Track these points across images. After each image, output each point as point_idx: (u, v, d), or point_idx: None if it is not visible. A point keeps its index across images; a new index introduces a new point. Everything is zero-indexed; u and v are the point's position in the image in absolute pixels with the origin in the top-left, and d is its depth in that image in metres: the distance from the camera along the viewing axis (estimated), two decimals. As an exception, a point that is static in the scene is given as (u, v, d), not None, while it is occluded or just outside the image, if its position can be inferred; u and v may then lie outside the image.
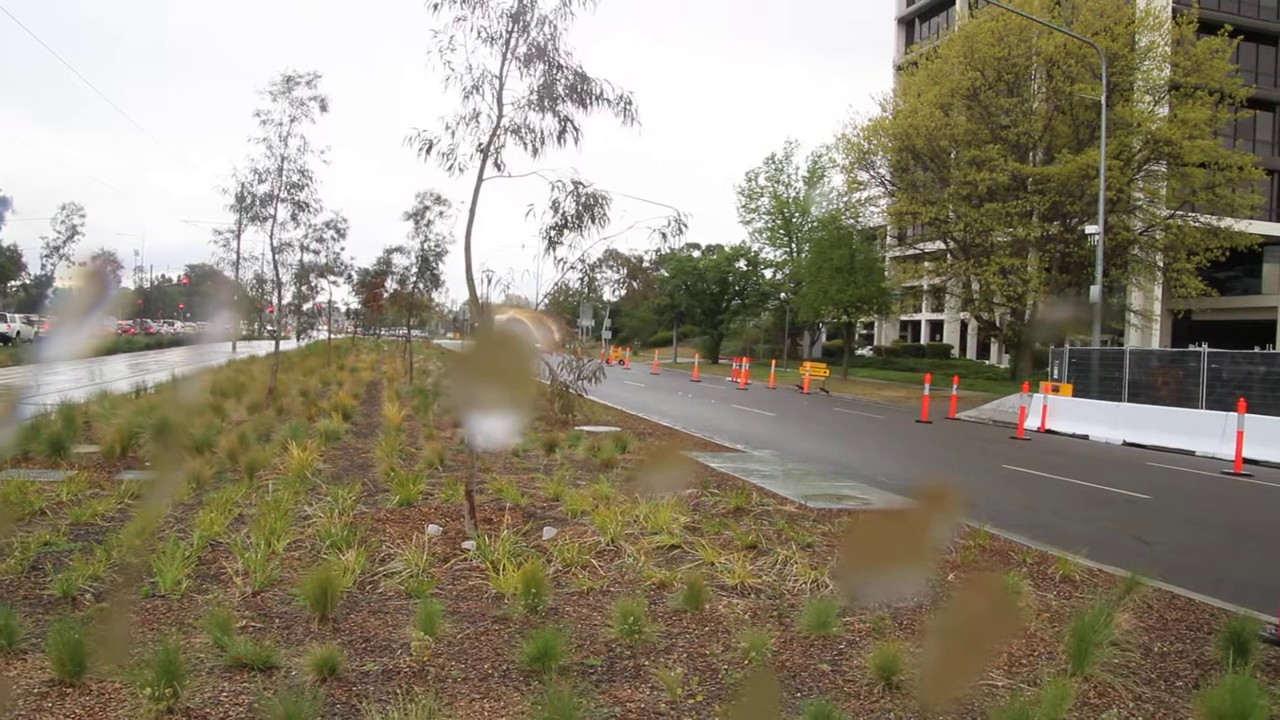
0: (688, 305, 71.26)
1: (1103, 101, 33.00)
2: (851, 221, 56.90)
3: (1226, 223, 42.70)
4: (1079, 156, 40.05)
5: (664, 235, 8.76)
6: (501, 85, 8.51)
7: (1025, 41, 44.09)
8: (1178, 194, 43.24)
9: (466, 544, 7.96)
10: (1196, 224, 42.93)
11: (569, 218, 8.68)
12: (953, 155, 46.77)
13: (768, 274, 69.65)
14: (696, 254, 75.09)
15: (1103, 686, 5.50)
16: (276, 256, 20.95)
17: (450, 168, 8.72)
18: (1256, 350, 26.31)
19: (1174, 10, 45.79)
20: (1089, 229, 36.59)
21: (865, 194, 55.39)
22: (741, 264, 70.78)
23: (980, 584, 7.35)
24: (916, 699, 5.14)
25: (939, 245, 50.94)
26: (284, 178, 19.53)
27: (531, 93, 8.59)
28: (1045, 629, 6.50)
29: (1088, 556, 8.56)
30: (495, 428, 1.78)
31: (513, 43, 8.46)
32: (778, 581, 7.38)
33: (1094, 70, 37.74)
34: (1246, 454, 19.30)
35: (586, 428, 17.04)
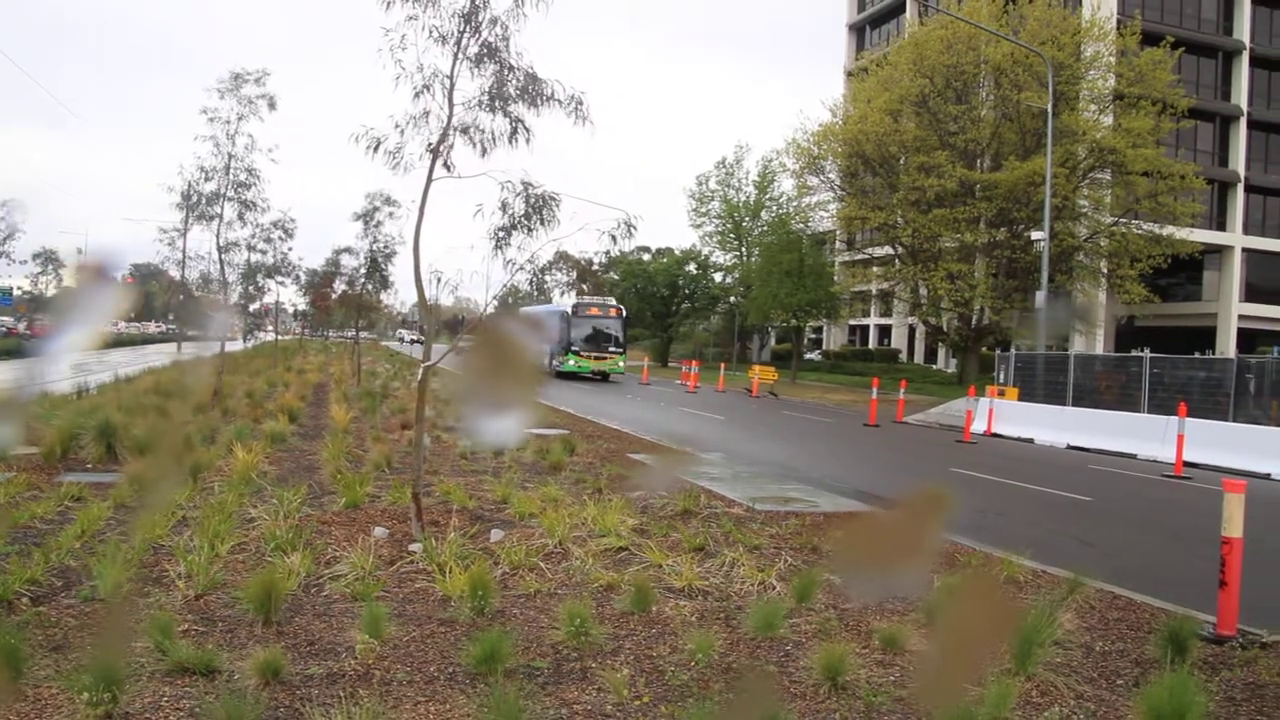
0: (637, 308, 71.28)
1: (1049, 110, 33.45)
2: (801, 226, 57.23)
3: (1168, 230, 43.48)
4: (1026, 164, 40.57)
5: (613, 237, 8.73)
6: (452, 85, 8.48)
7: (974, 50, 44.62)
8: (1122, 202, 43.98)
9: (413, 546, 7.91)
10: (1140, 231, 43.64)
11: (518, 219, 8.64)
12: (902, 161, 47.21)
13: (718, 277, 69.94)
14: (647, 257, 75.18)
15: (1046, 685, 5.57)
16: (223, 256, 20.73)
17: (398, 166, 8.67)
18: (1197, 355, 26.76)
19: (1118, 22, 46.59)
20: (1035, 235, 37.12)
21: (815, 199, 55.82)
22: (691, 267, 71.00)
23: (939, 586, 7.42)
24: (862, 699, 5.18)
25: (887, 250, 51.36)
26: (231, 176, 19.33)
27: (482, 93, 8.56)
28: (989, 628, 6.55)
29: (1032, 558, 8.67)
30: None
31: (464, 42, 8.42)
32: (725, 583, 7.40)
33: (1041, 79, 38.22)
34: (1187, 457, 19.62)
35: (535, 430, 17.00)
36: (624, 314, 49.52)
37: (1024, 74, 41.97)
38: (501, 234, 8.78)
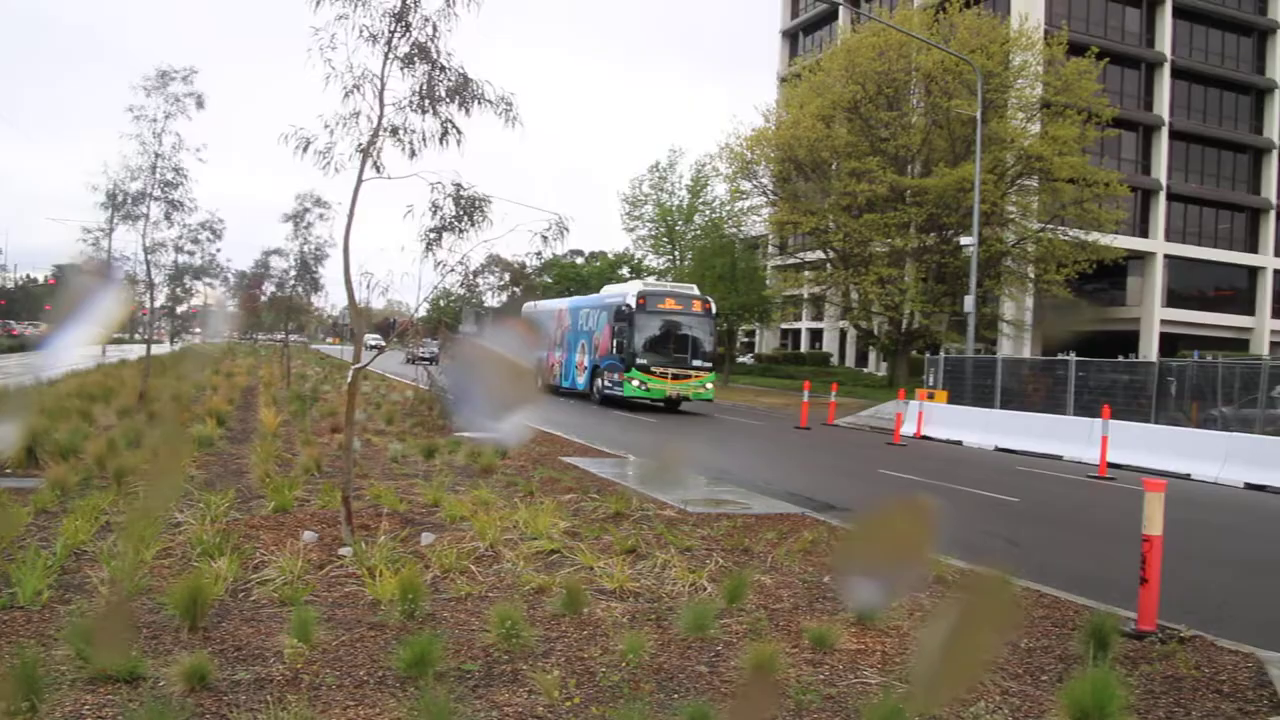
0: (571, 312, 71.19)
1: (978, 117, 33.95)
2: (734, 230, 57.53)
3: (1093, 237, 44.37)
4: (955, 170, 41.21)
5: (545, 239, 8.72)
6: (383, 85, 8.41)
7: (905, 57, 45.23)
8: (1048, 208, 44.84)
9: (343, 550, 7.83)
10: (1065, 237, 44.53)
11: (449, 220, 8.60)
12: (834, 166, 47.71)
13: (651, 280, 70.05)
14: (580, 260, 75.15)
15: (973, 682, 5.65)
16: (149, 257, 20.35)
17: (328, 167, 8.58)
18: (1120, 359, 27.28)
19: (1045, 32, 47.42)
20: (964, 240, 37.66)
21: (748, 203, 56.17)
22: (624, 271, 71.01)
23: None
24: (792, 697, 5.23)
25: (819, 254, 51.82)
26: (158, 175, 18.99)
27: (413, 93, 8.50)
28: (917, 628, 6.65)
29: (960, 558, 8.79)
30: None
31: (395, 42, 8.37)
32: (657, 585, 7.42)
33: (970, 87, 38.83)
34: (1110, 458, 20.01)
35: (467, 433, 16.92)
36: (713, 310, 33.36)
37: (954, 82, 42.64)
38: (432, 236, 8.74)
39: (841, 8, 60.81)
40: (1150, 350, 52.82)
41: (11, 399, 17.25)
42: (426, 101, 8.52)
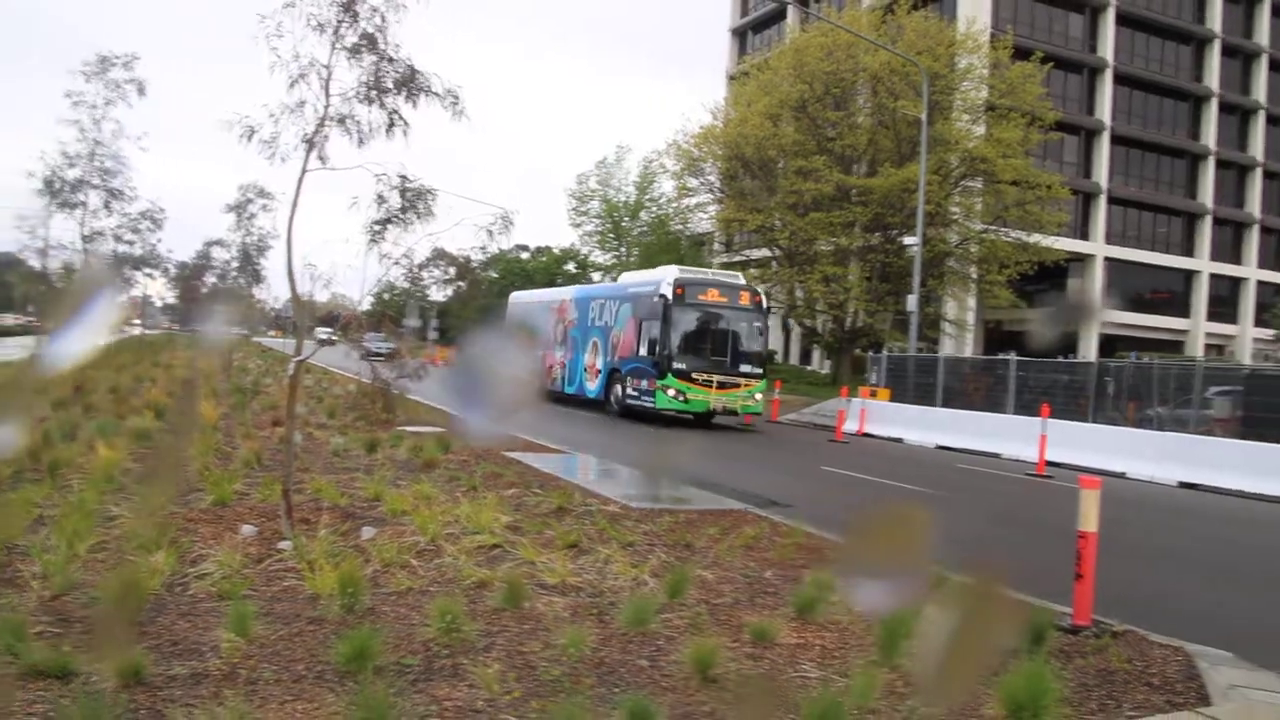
0: (516, 307, 70.95)
1: (924, 119, 34.25)
2: (680, 227, 57.60)
3: (1035, 238, 44.92)
4: (900, 170, 41.56)
5: (490, 233, 8.70)
6: (329, 75, 8.33)
7: (852, 58, 45.49)
8: (991, 209, 45.34)
9: (283, 544, 7.76)
10: (1008, 238, 45.05)
11: (394, 213, 8.56)
12: (780, 165, 47.90)
13: (596, 277, 69.95)
14: (526, 255, 74.94)
15: (910, 676, 5.72)
16: (87, 246, 20.01)
17: (273, 156, 8.48)
18: (1060, 359, 27.70)
19: (991, 36, 47.93)
20: (908, 240, 38.00)
21: (695, 200, 56.20)
22: (570, 266, 70.91)
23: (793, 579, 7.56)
24: (732, 691, 5.26)
25: (765, 252, 52.03)
26: (97, 163, 18.70)
27: (360, 84, 8.44)
28: (857, 622, 6.71)
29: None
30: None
31: (342, 32, 8.30)
32: (598, 579, 7.43)
33: (916, 88, 39.18)
34: (1049, 456, 20.32)
35: (410, 428, 16.82)
36: (764, 304, 28.24)
37: (900, 83, 42.98)
38: (377, 228, 8.68)
39: (790, 7, 61.11)
40: (1089, 351, 53.63)
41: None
42: (373, 93, 8.46)
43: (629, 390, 26.97)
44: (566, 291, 35.84)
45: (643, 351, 26.44)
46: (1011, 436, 23.47)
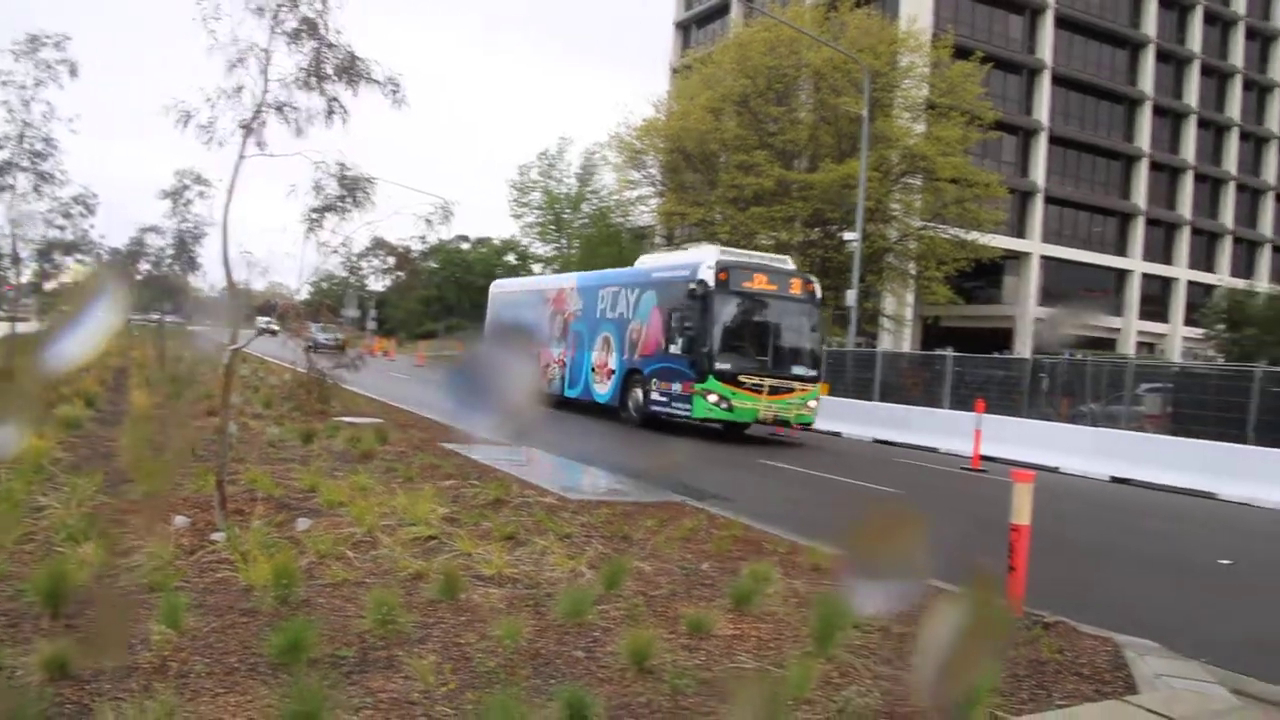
0: (456, 297, 70.58)
1: (865, 115, 34.50)
2: (621, 219, 57.61)
3: (973, 236, 45.47)
4: (841, 166, 41.82)
5: (429, 222, 8.65)
6: (268, 60, 8.23)
7: (795, 54, 45.69)
8: (931, 206, 45.81)
9: (216, 535, 7.66)
10: (946, 235, 45.55)
11: (332, 201, 8.49)
12: (722, 159, 48.01)
13: (537, 269, 69.76)
14: (466, 246, 74.59)
15: (845, 666, 5.79)
16: (15, 231, 19.58)
17: (210, 142, 8.36)
18: (995, 355, 28.11)
19: (932, 35, 48.43)
20: (848, 236, 38.28)
21: (636, 193, 56.23)
22: (511, 257, 70.70)
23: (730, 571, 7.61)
24: (667, 682, 5.28)
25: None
26: (26, 145, 18.28)
27: (299, 69, 8.34)
28: (793, 614, 6.76)
29: (837, 546, 8.97)
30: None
31: (281, 16, 8.19)
32: (535, 571, 7.42)
33: (858, 85, 39.45)
34: (984, 451, 20.60)
35: (347, 419, 16.68)
36: (818, 295, 23.80)
37: (842, 79, 43.22)
38: (315, 216, 8.60)
39: (734, 1, 61.30)
40: (1024, 347, 54.40)
41: None
42: (313, 79, 8.37)
43: (654, 395, 22.95)
44: (566, 279, 31.46)
45: (673, 349, 22.33)
46: (948, 431, 23.78)
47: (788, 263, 25.04)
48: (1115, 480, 20.15)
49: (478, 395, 2.00)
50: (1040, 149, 62.71)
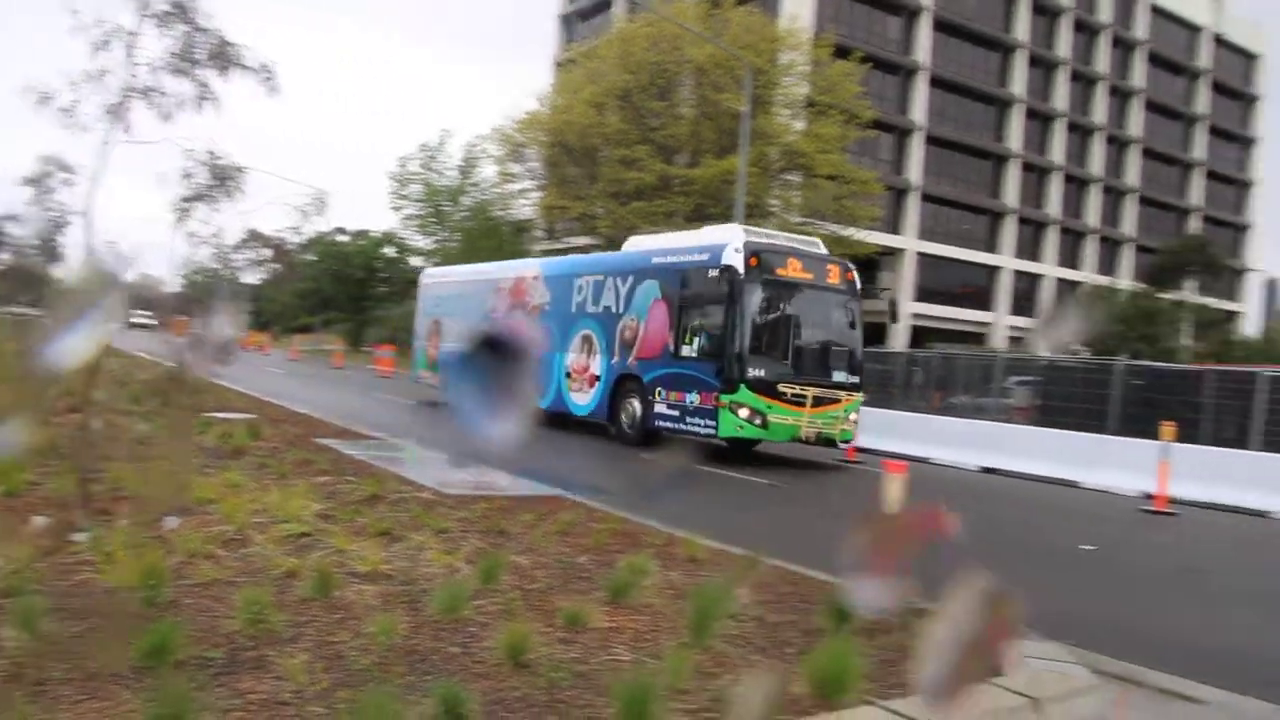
0: (333, 290, 69.37)
1: (746, 112, 34.82)
2: (502, 213, 57.30)
3: (850, 232, 46.27)
4: (721, 162, 42.19)
5: (304, 213, 8.50)
6: (135, 42, 7.97)
7: (678, 49, 45.92)
8: (809, 203, 46.46)
9: (78, 535, 7.42)
10: (824, 232, 46.20)
11: (202, 190, 8.28)
12: (604, 153, 48.05)
13: (418, 261, 68.85)
14: (345, 238, 73.40)
15: (720, 656, 5.85)
16: None
17: (72, 126, 8.08)
18: (871, 350, 28.65)
19: (813, 34, 49.22)
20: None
21: (518, 186, 56.00)
22: (390, 250, 69.78)
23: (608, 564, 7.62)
24: (544, 676, 5.27)
25: (587, 240, 52.21)
26: None
27: (169, 54, 8.11)
28: (670, 605, 6.80)
29: (714, 538, 9.06)
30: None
31: None
32: (411, 567, 7.33)
33: (740, 82, 39.83)
34: (860, 443, 20.97)
35: (219, 414, 16.27)
36: (858, 284, 20.40)
37: (724, 76, 43.58)
38: (184, 205, 8.38)
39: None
40: (899, 342, 55.59)
41: None
42: (183, 63, 8.14)
43: (659, 408, 19.31)
44: (527, 266, 26.99)
45: (687, 351, 18.97)
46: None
47: (819, 245, 21.37)
48: (985, 470, 20.74)
49: (475, 406, 1.86)
50: (915, 148, 64.23)
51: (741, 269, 17.90)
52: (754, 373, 17.69)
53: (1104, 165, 76.43)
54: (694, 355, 18.69)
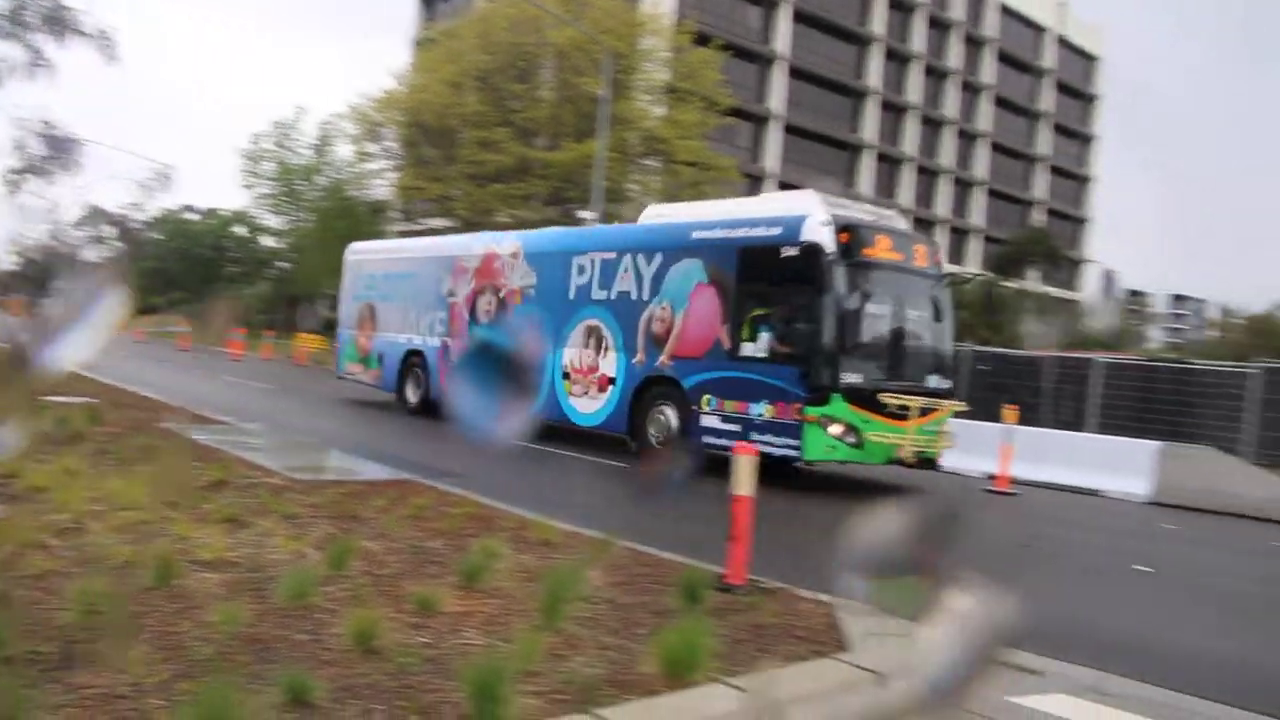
0: (180, 271, 67.15)
1: (605, 96, 34.80)
2: (358, 193, 56.32)
3: (705, 217, 46.61)
4: (581, 146, 42.13)
5: (147, 188, 8.20)
6: (-43, 8, 7.57)
7: (538, 31, 45.65)
8: (667, 188, 46.73)
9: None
10: (683, 219, 46.55)
11: (36, 161, 7.92)
12: (462, 134, 47.57)
13: (271, 242, 67.08)
14: (195, 217, 71.21)
15: (572, 639, 5.86)
16: None
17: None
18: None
19: (674, 20, 49.55)
20: (585, 214, 38.63)
21: (374, 166, 55.12)
22: (241, 229, 67.95)
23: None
24: (393, 661, 5.21)
25: (443, 222, 51.67)
26: None
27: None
28: (521, 589, 6.79)
29: (568, 520, 9.09)
30: None
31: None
32: (257, 554, 7.16)
33: (600, 66, 39.83)
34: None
35: (56, 398, 15.63)
36: (944, 268, 17.49)
37: (585, 60, 43.48)
38: (15, 177, 8.01)
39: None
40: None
41: None
42: (14, 26, 7.78)
43: (710, 421, 15.49)
44: (498, 240, 21.54)
45: (751, 350, 15.15)
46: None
47: (897, 219, 17.41)
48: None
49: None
50: (773, 136, 65.26)
51: (831, 247, 14.25)
52: (848, 380, 14.25)
53: (955, 157, 79.05)
54: (762, 355, 14.94)
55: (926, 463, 15.06)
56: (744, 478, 7.34)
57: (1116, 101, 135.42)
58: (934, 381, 15.59)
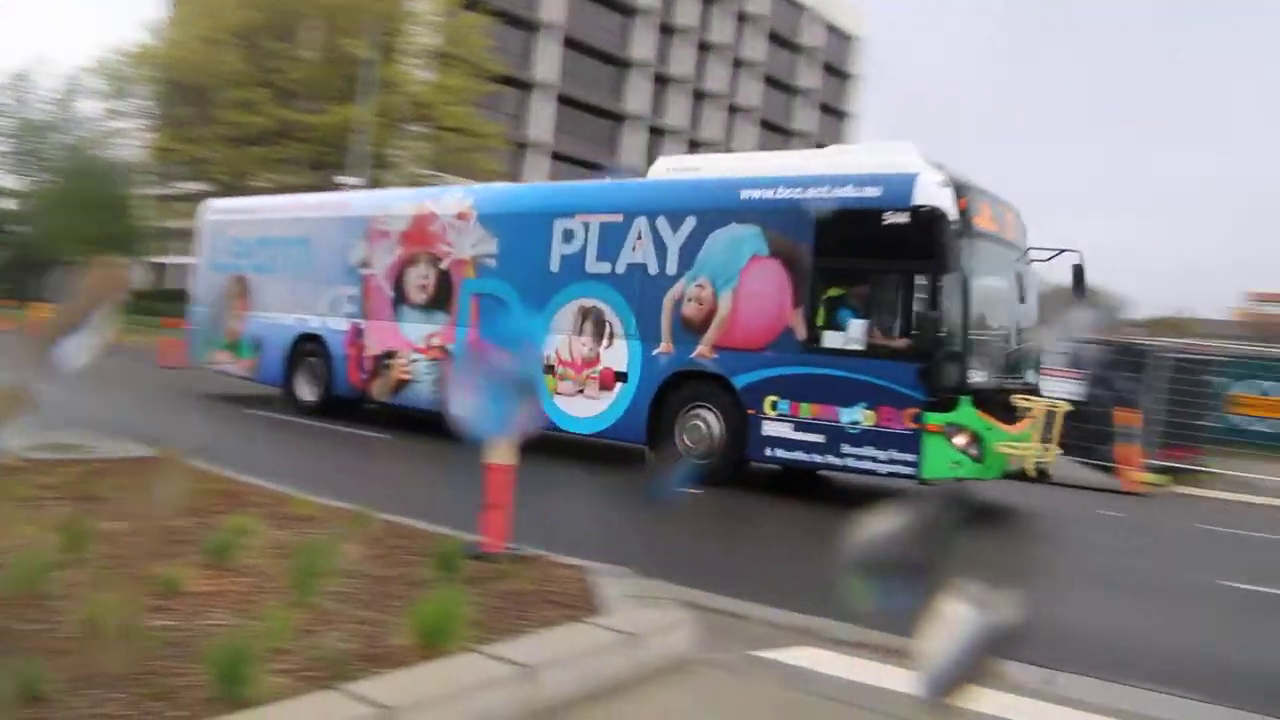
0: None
1: (371, 59, 34.00)
2: (106, 153, 53.29)
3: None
4: (344, 109, 41.16)
5: None
6: None
7: (304, -12, 44.31)
8: (433, 155, 46.21)
9: None
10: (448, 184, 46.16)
11: None
12: (220, 94, 45.62)
13: (7, 204, 62.41)
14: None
15: (327, 614, 5.76)
16: None
17: None
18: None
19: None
20: (347, 180, 37.82)
21: (124, 125, 52.30)
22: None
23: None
24: (134, 645, 5.02)
25: (200, 186, 49.54)
26: None
27: None
28: (274, 565, 6.63)
29: (323, 494, 8.93)
30: None
31: None
32: (-17, 541, 6.73)
33: (366, 27, 38.93)
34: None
35: None
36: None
37: (350, 21, 42.39)
38: None
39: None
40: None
41: None
42: None
43: (779, 429, 12.53)
44: (435, 198, 17.22)
45: (837, 340, 12.29)
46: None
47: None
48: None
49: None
50: (540, 104, 65.32)
51: (952, 213, 11.60)
52: (973, 378, 11.76)
53: (722, 130, 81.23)
54: (856, 348, 12.09)
55: (1040, 476, 12.70)
56: (500, 447, 7.41)
57: (876, 81, 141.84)
58: (1030, 375, 13.52)
